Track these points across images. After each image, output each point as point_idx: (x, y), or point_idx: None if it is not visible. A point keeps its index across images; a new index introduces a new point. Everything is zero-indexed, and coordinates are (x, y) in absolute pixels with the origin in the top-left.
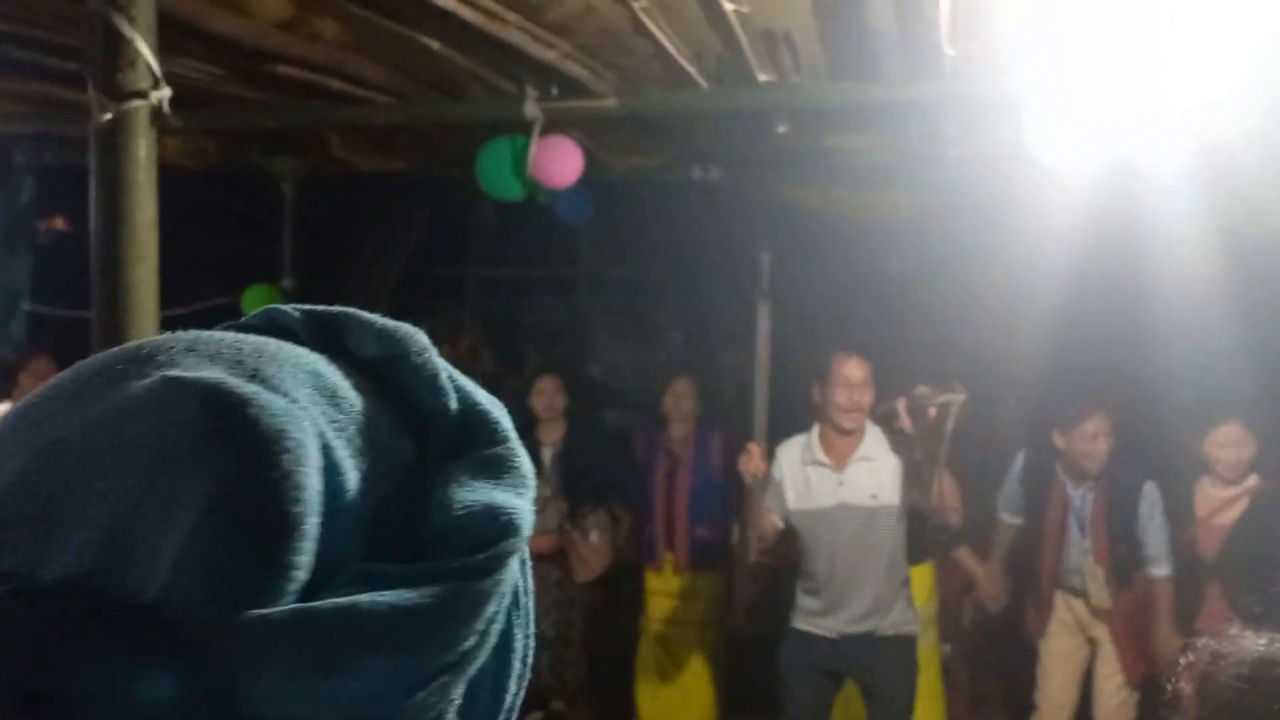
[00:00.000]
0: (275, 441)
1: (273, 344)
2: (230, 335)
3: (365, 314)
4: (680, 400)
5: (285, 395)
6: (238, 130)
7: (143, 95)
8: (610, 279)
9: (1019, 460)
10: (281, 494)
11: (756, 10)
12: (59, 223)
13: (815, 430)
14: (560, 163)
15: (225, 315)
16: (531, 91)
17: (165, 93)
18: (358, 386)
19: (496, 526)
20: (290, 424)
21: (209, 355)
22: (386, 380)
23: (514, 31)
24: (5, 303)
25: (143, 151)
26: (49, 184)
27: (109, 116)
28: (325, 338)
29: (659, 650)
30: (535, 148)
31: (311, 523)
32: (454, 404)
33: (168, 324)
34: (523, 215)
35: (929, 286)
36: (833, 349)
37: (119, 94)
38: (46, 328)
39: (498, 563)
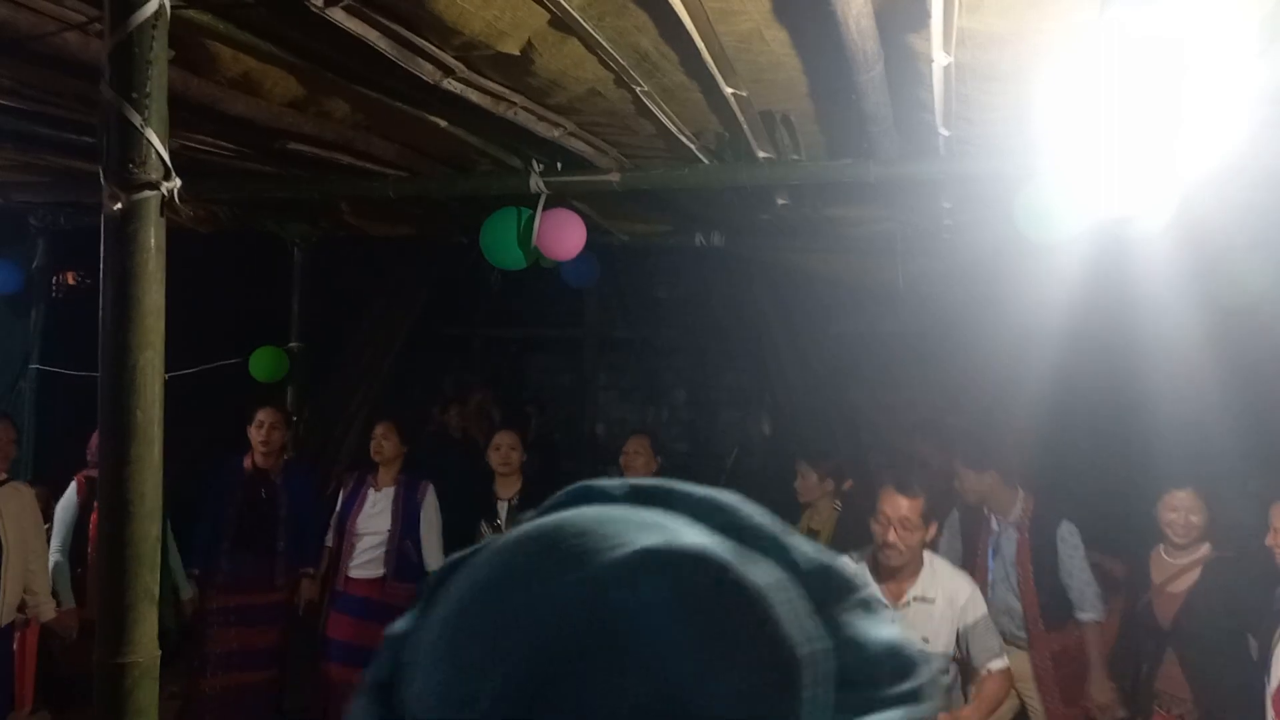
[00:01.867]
0: (766, 597)
1: (655, 515)
2: (614, 512)
3: (684, 486)
4: (632, 459)
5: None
6: (251, 201)
7: (154, 186)
8: (615, 339)
9: (955, 515)
10: (791, 639)
11: (755, 94)
12: (70, 278)
13: (869, 559)
14: (564, 237)
15: (232, 375)
16: (536, 166)
17: (175, 184)
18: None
19: (911, 659)
20: (762, 580)
21: (635, 527)
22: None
23: (520, 112)
24: (15, 362)
25: (152, 240)
26: (61, 246)
27: (120, 206)
28: (649, 507)
29: None
30: (540, 221)
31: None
32: (805, 562)
33: (176, 383)
34: (528, 276)
35: (925, 349)
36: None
37: (130, 185)
38: (55, 386)
39: (930, 690)
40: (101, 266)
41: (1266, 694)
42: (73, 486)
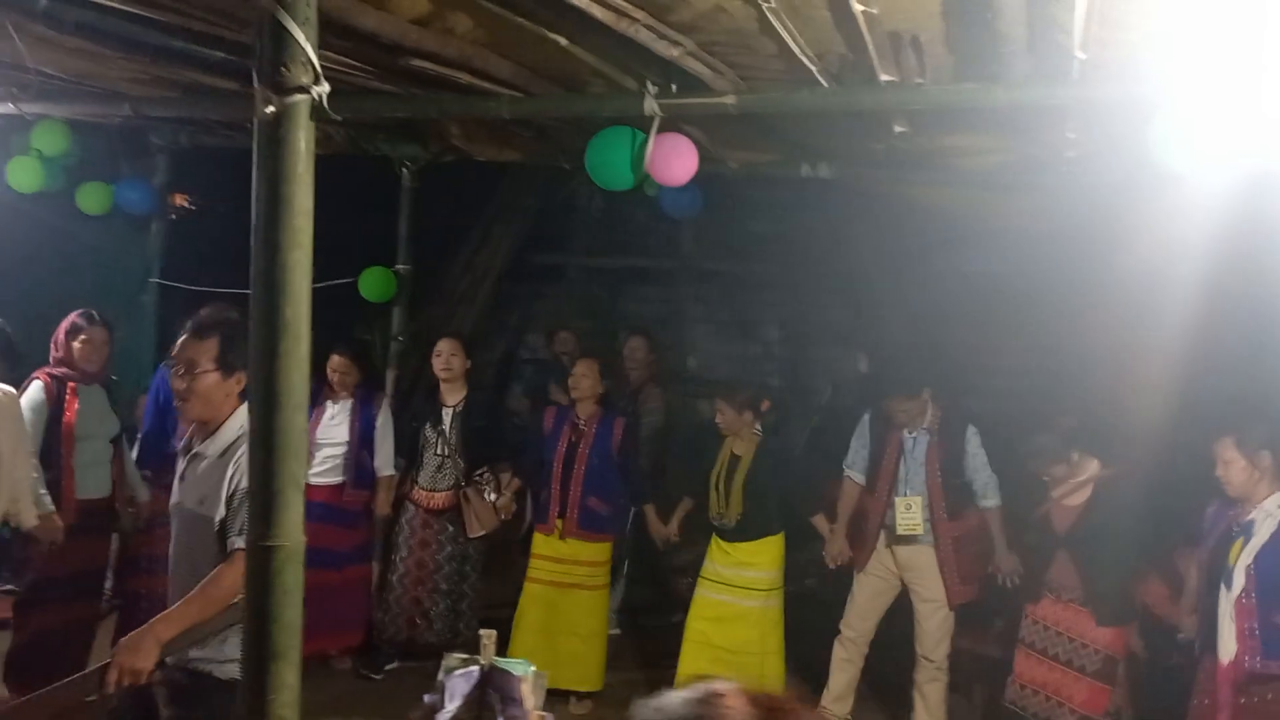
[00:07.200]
0: None
1: None
2: None
3: None
4: (579, 379)
5: None
6: (376, 120)
7: (304, 90)
8: (710, 272)
9: (865, 419)
10: None
11: (885, 12)
12: (180, 199)
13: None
14: (677, 162)
15: (344, 294)
16: (651, 88)
17: (325, 88)
18: None
19: None
20: None
21: None
22: None
23: (641, 29)
24: (137, 277)
25: (303, 144)
26: (181, 165)
27: (273, 110)
28: None
29: (538, 609)
30: (652, 145)
31: None
32: None
33: None
34: (626, 207)
35: (1036, 290)
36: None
37: (283, 89)
38: (173, 299)
39: None
40: (254, 170)
41: (1226, 600)
42: (37, 385)
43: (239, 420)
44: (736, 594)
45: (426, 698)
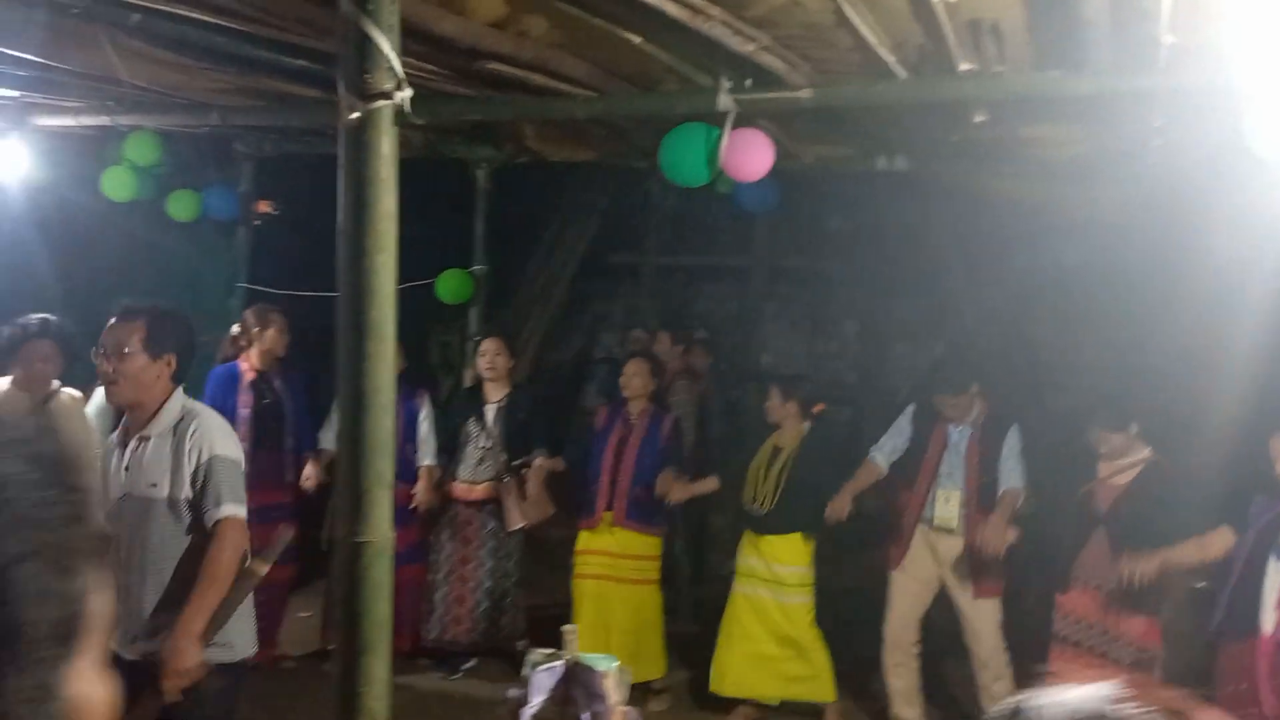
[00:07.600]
0: None
1: None
2: None
3: None
4: (630, 379)
5: None
6: (456, 123)
7: (388, 96)
8: (784, 268)
9: (908, 411)
10: None
11: (964, 1)
12: (264, 206)
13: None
14: (752, 157)
15: (422, 295)
16: (725, 84)
17: (407, 93)
18: None
19: None
20: None
21: None
22: None
23: (716, 25)
24: (224, 281)
25: (386, 148)
26: (266, 172)
27: (357, 115)
28: None
29: (592, 605)
30: (727, 141)
31: None
32: None
33: None
34: (699, 205)
35: (1115, 284)
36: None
37: (366, 95)
38: (259, 303)
39: None
40: (340, 174)
41: (1275, 571)
42: (100, 393)
43: (178, 401)
44: (773, 589)
45: (511, 692)
